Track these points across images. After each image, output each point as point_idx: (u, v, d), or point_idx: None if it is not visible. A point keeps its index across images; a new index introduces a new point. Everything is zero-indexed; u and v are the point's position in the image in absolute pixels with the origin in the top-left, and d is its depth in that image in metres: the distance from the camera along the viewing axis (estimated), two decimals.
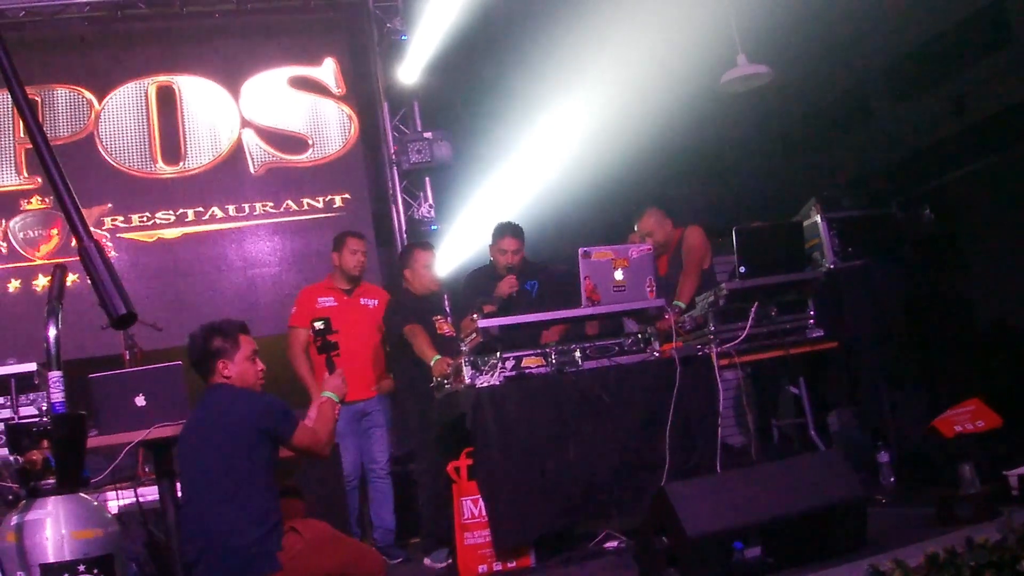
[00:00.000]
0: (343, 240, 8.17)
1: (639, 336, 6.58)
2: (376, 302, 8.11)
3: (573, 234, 9.36)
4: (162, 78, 11.35)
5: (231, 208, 11.31)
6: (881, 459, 6.63)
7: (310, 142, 11.63)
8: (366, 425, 7.86)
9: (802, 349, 6.98)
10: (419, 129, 11.49)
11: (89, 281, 2.10)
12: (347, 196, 11.59)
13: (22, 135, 10.72)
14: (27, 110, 2.20)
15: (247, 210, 11.36)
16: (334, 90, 11.83)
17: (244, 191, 11.39)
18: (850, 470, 4.97)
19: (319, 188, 11.55)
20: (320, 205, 11.48)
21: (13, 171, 10.74)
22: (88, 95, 11.12)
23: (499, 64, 11.25)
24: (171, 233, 11.08)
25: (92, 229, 2.27)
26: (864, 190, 7.75)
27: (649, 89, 10.37)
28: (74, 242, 2.28)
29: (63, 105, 10.99)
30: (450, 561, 6.61)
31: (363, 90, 11.95)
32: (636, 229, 8.02)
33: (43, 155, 2.17)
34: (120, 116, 11.21)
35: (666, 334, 6.75)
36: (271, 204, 11.41)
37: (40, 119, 2.18)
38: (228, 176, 11.38)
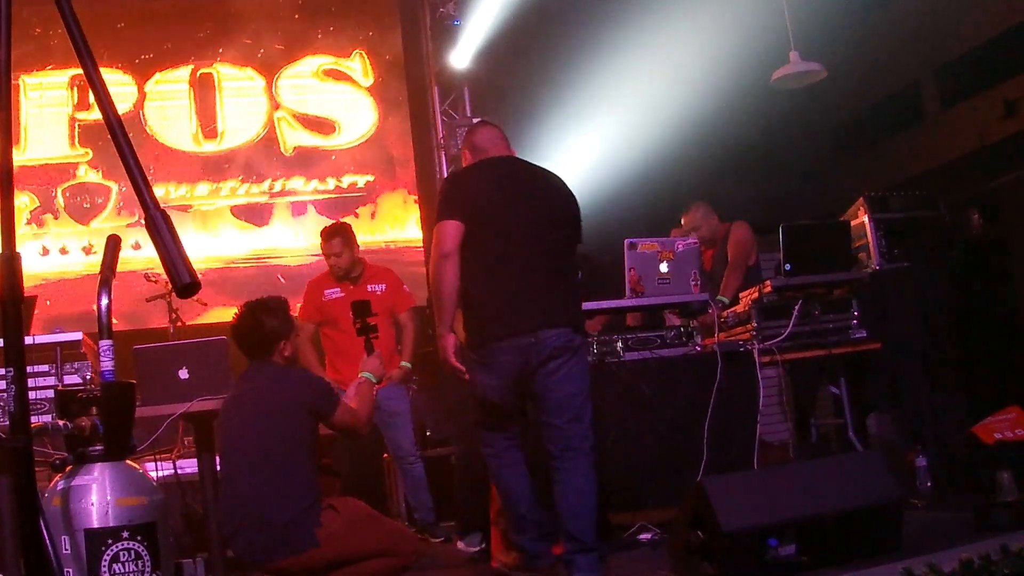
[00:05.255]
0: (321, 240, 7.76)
1: (681, 329, 6.58)
2: (384, 287, 7.74)
3: (619, 225, 9.35)
4: (204, 63, 11.62)
5: (264, 185, 11.59)
6: (919, 463, 6.60)
7: (339, 127, 11.88)
8: (385, 414, 7.48)
9: (844, 349, 6.96)
10: (468, 115, 11.50)
11: (156, 250, 2.13)
12: (370, 178, 11.87)
13: (76, 109, 10.91)
14: (98, 80, 2.23)
15: (280, 187, 11.65)
16: (361, 80, 12.06)
17: (276, 169, 11.72)
18: (888, 472, 4.94)
19: (346, 169, 11.84)
20: (345, 185, 11.72)
21: (66, 143, 10.88)
22: (130, 78, 11.33)
23: (550, 53, 11.25)
24: (208, 205, 11.24)
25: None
26: (913, 192, 7.68)
27: (701, 83, 10.35)
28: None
29: (110, 85, 11.10)
30: (483, 545, 6.61)
31: (414, 74, 12.00)
32: (682, 223, 8.01)
33: (112, 125, 2.20)
34: (163, 97, 11.46)
35: (708, 329, 6.75)
36: (303, 182, 11.70)
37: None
38: (262, 155, 11.67)
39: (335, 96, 11.97)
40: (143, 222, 2.20)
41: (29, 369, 5.68)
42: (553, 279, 5.19)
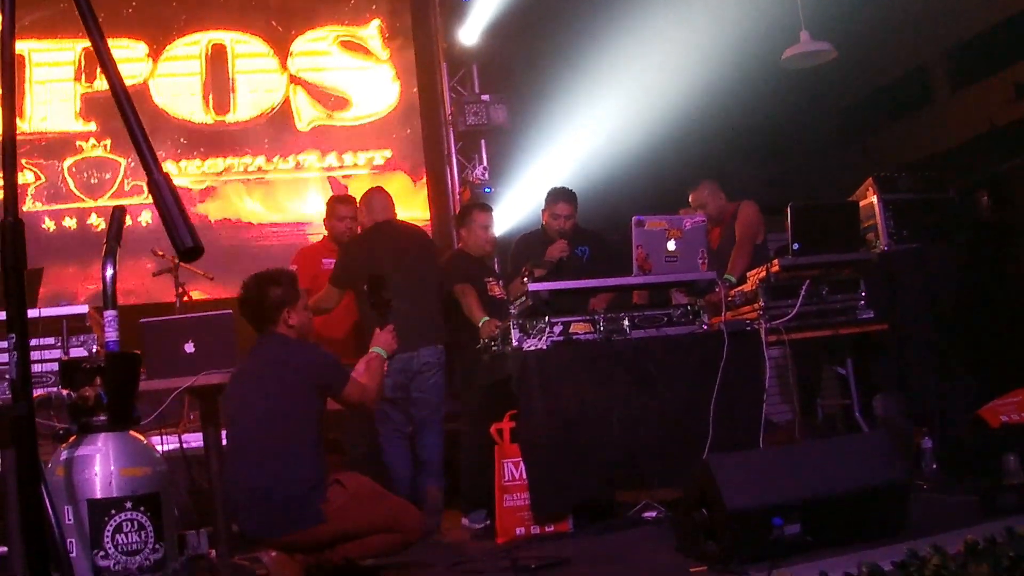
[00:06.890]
0: (329, 206, 7.92)
1: (688, 308, 6.56)
2: None
3: (626, 203, 9.33)
4: (216, 34, 11.46)
5: (278, 160, 11.43)
6: (925, 445, 6.59)
7: (354, 101, 11.72)
8: None
9: (851, 330, 6.94)
10: (476, 91, 11.46)
11: (158, 214, 2.12)
12: (388, 154, 11.71)
13: (83, 82, 10.86)
14: (104, 50, 2.21)
15: (293, 163, 11.47)
16: (379, 52, 11.89)
17: (291, 144, 11.52)
18: (894, 453, 4.93)
19: (362, 145, 11.68)
20: (362, 161, 11.58)
21: (72, 116, 10.84)
22: (143, 46, 11.19)
23: (560, 30, 11.22)
24: (219, 181, 11.20)
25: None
26: (922, 173, 7.65)
27: (710, 61, 10.31)
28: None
29: (119, 55, 11.02)
30: (488, 522, 6.63)
31: (422, 50, 11.95)
32: (689, 200, 7.98)
33: (117, 91, 2.18)
34: (174, 69, 11.31)
35: (715, 307, 6.73)
36: (316, 157, 11.53)
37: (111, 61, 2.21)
38: (276, 130, 11.49)
39: (352, 69, 11.80)
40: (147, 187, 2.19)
41: (36, 342, 5.71)
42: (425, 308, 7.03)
